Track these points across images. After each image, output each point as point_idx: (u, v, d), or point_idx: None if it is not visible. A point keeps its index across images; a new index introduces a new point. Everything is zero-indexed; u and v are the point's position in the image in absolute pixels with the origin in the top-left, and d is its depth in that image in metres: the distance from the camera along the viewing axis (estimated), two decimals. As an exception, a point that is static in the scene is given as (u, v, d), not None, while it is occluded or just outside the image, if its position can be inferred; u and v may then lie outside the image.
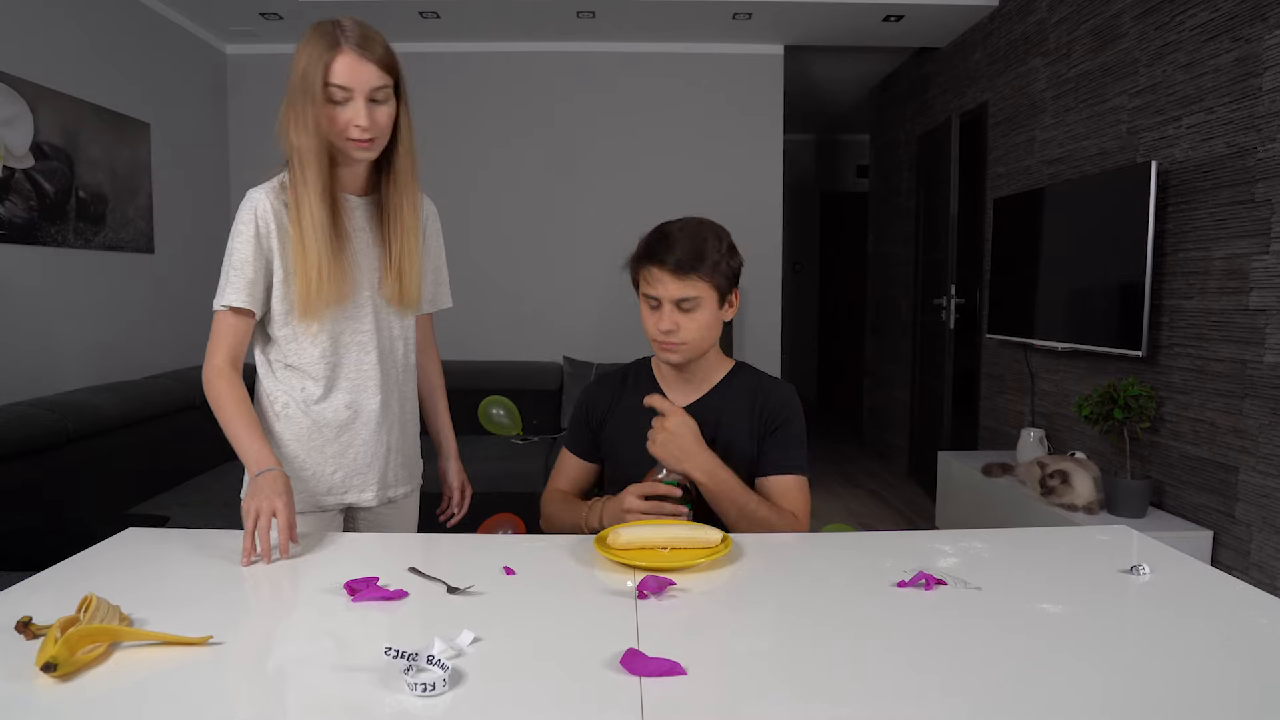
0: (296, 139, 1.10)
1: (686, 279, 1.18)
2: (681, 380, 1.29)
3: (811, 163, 6.41)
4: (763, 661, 0.78)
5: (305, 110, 1.08)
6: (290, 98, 1.10)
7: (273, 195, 1.14)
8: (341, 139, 1.11)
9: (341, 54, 1.07)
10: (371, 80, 1.09)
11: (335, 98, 1.08)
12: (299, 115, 1.09)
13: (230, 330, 1.13)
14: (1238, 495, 2.09)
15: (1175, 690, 0.72)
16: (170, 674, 0.73)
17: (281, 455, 1.21)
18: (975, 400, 3.61)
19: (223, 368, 1.13)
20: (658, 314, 1.20)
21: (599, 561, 1.03)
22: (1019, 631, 0.83)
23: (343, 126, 1.10)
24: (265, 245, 1.14)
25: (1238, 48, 2.06)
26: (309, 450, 1.23)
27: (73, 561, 1.02)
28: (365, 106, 1.10)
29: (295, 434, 1.22)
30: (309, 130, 1.09)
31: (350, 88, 1.08)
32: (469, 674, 0.72)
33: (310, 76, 1.07)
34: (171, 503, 2.41)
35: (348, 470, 1.25)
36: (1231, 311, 2.10)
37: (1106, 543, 1.14)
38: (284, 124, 1.11)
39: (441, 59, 3.79)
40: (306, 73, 1.07)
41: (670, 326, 1.19)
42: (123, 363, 2.96)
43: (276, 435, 1.22)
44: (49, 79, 2.58)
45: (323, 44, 1.07)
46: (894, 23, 3.52)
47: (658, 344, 1.23)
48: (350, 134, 1.10)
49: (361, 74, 1.08)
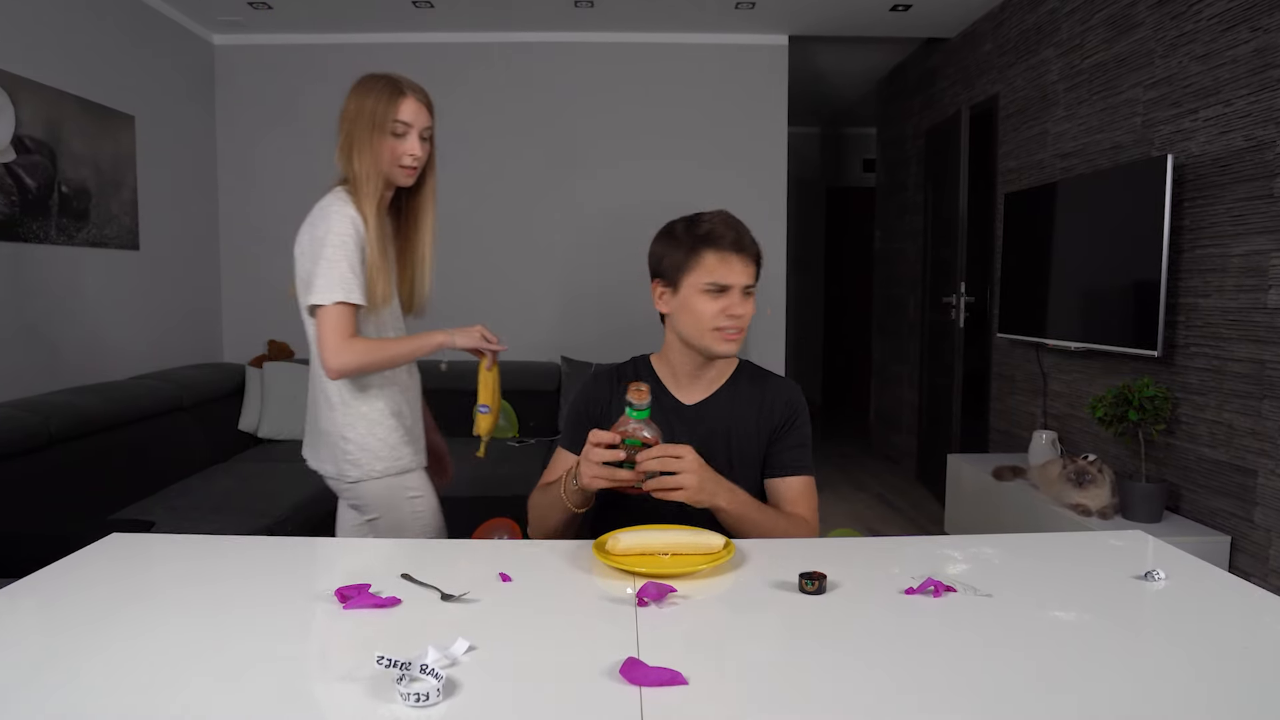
0: (359, 164, 1.36)
1: (754, 263, 1.20)
2: (692, 378, 1.26)
3: (816, 157, 6.37)
4: (766, 671, 0.77)
5: (369, 140, 1.36)
6: (353, 131, 1.37)
7: (352, 206, 1.36)
8: (394, 166, 1.39)
9: (406, 99, 1.38)
10: (425, 121, 1.41)
11: (398, 131, 1.38)
12: (362, 144, 1.36)
13: (349, 320, 1.33)
14: (1256, 499, 2.05)
15: (1192, 701, 0.70)
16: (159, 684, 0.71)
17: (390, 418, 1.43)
18: (985, 401, 3.57)
19: (350, 342, 1.32)
20: (724, 300, 1.18)
21: (598, 568, 1.01)
22: (1031, 640, 0.82)
23: (399, 155, 1.38)
24: (360, 248, 1.35)
25: (1256, 38, 2.01)
26: (402, 414, 1.45)
27: (54, 568, 1.00)
28: (418, 141, 1.40)
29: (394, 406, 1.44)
30: (373, 157, 1.36)
31: (411, 124, 1.38)
32: (463, 683, 0.71)
33: (379, 114, 1.36)
34: (157, 507, 2.38)
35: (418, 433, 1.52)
36: (1250, 310, 2.06)
37: (1121, 548, 1.13)
38: (345, 151, 1.38)
39: (435, 50, 3.75)
40: (375, 110, 1.36)
41: (741, 311, 1.18)
42: (107, 363, 2.91)
43: (383, 406, 1.42)
44: (31, 70, 2.54)
45: (389, 90, 1.38)
46: (902, 12, 3.48)
47: (719, 332, 1.19)
48: (404, 162, 1.39)
49: (420, 115, 1.40)
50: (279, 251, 3.79)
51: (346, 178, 1.39)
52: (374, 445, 1.40)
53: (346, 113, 1.38)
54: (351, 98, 1.39)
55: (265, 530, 2.31)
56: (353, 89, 1.40)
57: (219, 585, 0.96)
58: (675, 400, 1.26)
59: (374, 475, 1.40)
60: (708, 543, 1.02)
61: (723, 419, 1.24)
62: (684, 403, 1.26)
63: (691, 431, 1.22)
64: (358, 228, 1.34)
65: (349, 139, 1.37)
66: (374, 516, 1.44)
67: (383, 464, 1.41)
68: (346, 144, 1.37)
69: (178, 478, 2.70)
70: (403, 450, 1.44)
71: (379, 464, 1.40)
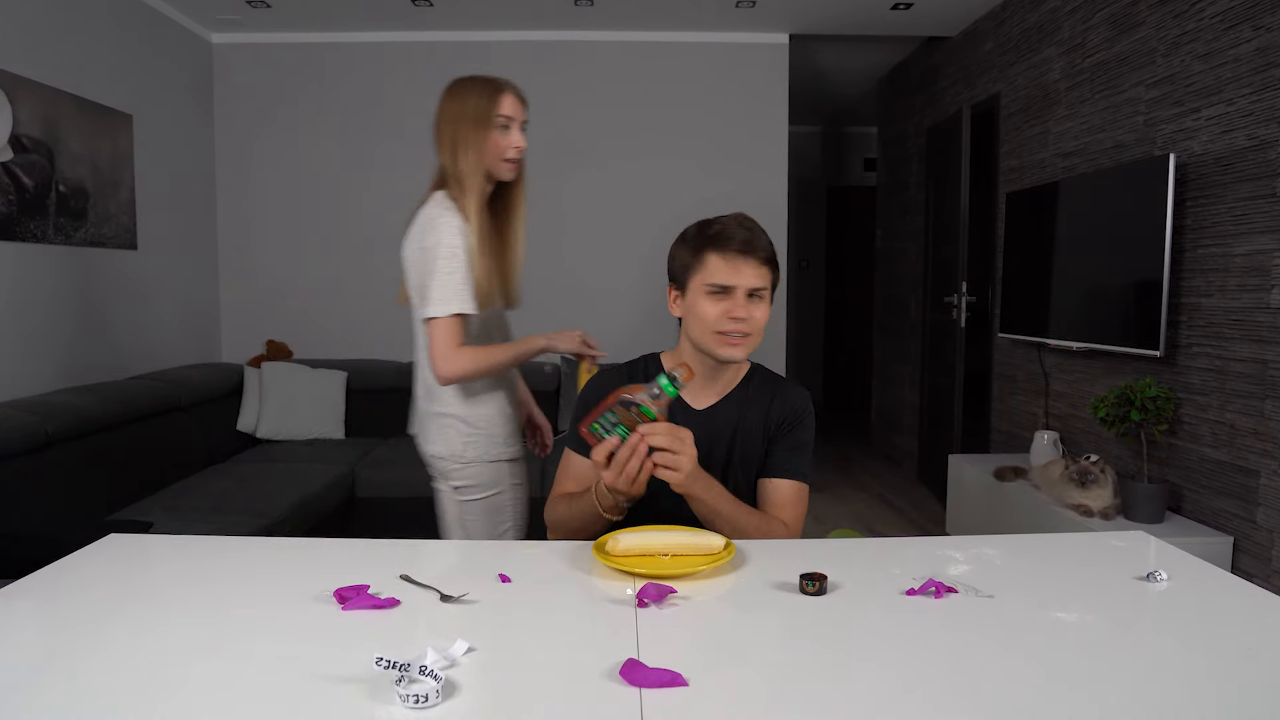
0: (464, 162, 1.42)
1: (765, 266, 1.17)
2: (705, 380, 1.24)
3: (817, 156, 6.36)
4: (767, 672, 0.77)
5: (473, 137, 1.42)
6: (457, 130, 1.43)
7: (456, 213, 1.41)
8: (498, 160, 1.45)
9: (506, 94, 1.45)
10: (523, 114, 1.48)
11: (501, 125, 1.44)
12: (467, 142, 1.42)
13: (459, 329, 1.41)
14: (1259, 500, 2.05)
15: (1194, 702, 0.70)
16: (157, 685, 0.71)
17: (508, 407, 1.54)
18: (987, 402, 3.56)
19: (460, 351, 1.40)
20: (727, 303, 1.15)
21: (597, 568, 1.01)
22: (1032, 641, 0.81)
23: (504, 149, 1.45)
24: (468, 255, 1.41)
25: (1259, 36, 2.01)
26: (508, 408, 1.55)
27: (52, 569, 1.00)
28: (520, 134, 1.47)
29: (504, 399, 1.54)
30: (477, 153, 1.43)
31: (513, 118, 1.45)
32: (462, 685, 0.71)
33: (482, 110, 1.43)
34: (155, 508, 2.38)
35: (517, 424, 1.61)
36: (1253, 310, 2.05)
37: (1123, 549, 1.12)
38: (449, 151, 1.43)
39: (434, 48, 3.74)
40: (478, 107, 1.43)
41: (745, 315, 1.15)
42: (105, 363, 2.90)
43: (502, 395, 1.53)
44: (28, 69, 2.53)
45: (489, 87, 1.45)
46: (903, 10, 3.47)
47: (722, 336, 1.16)
48: (508, 155, 1.45)
49: (519, 109, 1.47)
50: (278, 251, 3.83)
51: (445, 179, 1.45)
52: (490, 431, 1.50)
53: (446, 114, 1.44)
54: (449, 100, 1.45)
55: (263, 531, 2.31)
56: (447, 92, 1.46)
57: (217, 586, 0.96)
58: (683, 403, 1.24)
59: (487, 459, 1.50)
60: (708, 543, 1.02)
61: (730, 421, 1.23)
62: (694, 407, 1.24)
63: (704, 434, 1.20)
64: (465, 236, 1.41)
65: (452, 139, 1.43)
66: (477, 496, 1.52)
67: (497, 449, 1.52)
68: (450, 144, 1.43)
69: (176, 478, 2.69)
70: (513, 440, 1.56)
71: (494, 448, 1.51)
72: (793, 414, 1.24)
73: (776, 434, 1.24)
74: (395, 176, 3.78)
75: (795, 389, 1.27)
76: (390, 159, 3.74)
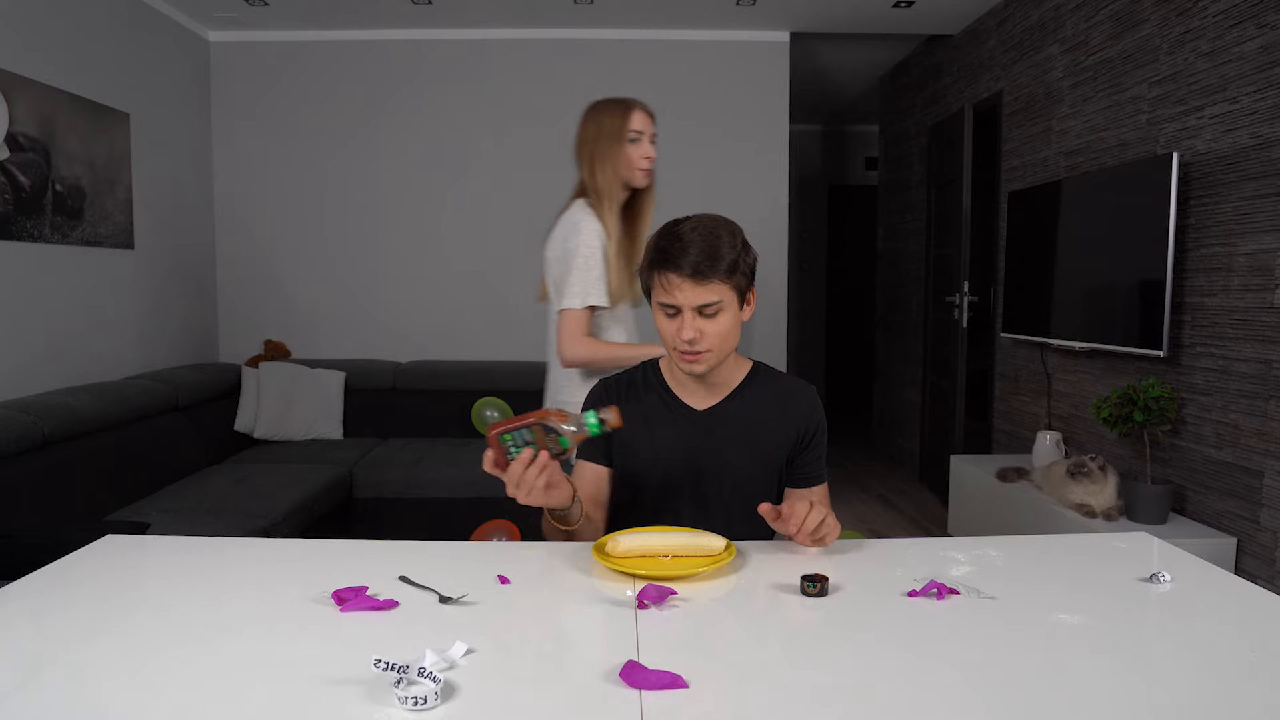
0: (602, 177, 1.59)
1: (706, 283, 1.10)
2: (699, 384, 1.23)
3: (818, 155, 6.35)
4: (767, 674, 0.76)
5: (609, 152, 1.58)
6: (594, 149, 1.60)
7: (595, 219, 1.57)
8: (633, 170, 1.61)
9: (635, 111, 1.62)
10: (652, 128, 1.64)
11: (633, 139, 1.60)
12: (603, 157, 1.59)
13: (586, 321, 1.57)
14: (1262, 500, 2.04)
15: (1197, 704, 0.69)
16: (154, 686, 0.71)
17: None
18: (989, 402, 3.56)
19: (583, 340, 1.56)
20: (677, 322, 1.13)
21: (597, 570, 1.00)
22: (1035, 642, 0.81)
23: (636, 160, 1.61)
24: (604, 255, 1.56)
25: (1263, 34, 2.00)
26: None
27: (49, 571, 1.00)
28: (650, 145, 1.63)
29: None
30: (614, 167, 1.59)
31: (643, 131, 1.61)
32: (461, 687, 0.70)
33: (616, 127, 1.59)
34: (152, 509, 2.37)
35: None
36: (1256, 309, 2.04)
37: (1125, 550, 1.12)
38: (589, 168, 1.60)
39: (433, 46, 3.73)
40: (612, 123, 1.59)
41: (693, 335, 1.11)
42: (101, 363, 2.89)
43: None
44: (24, 67, 2.53)
45: (620, 107, 1.62)
46: (904, 9, 3.46)
47: (679, 354, 1.15)
48: (641, 165, 1.62)
49: (648, 123, 1.63)
50: (276, 250, 3.82)
51: (585, 190, 1.61)
52: None
53: (585, 136, 1.62)
54: (586, 123, 1.63)
55: (261, 532, 2.30)
56: (584, 117, 1.63)
57: (215, 587, 0.96)
58: (685, 406, 1.23)
59: None
60: (708, 545, 1.01)
61: (743, 421, 1.22)
62: (694, 408, 1.23)
63: (707, 436, 1.20)
64: (602, 238, 1.56)
65: (591, 157, 1.60)
66: None
67: None
68: (589, 161, 1.60)
69: (173, 479, 2.69)
70: None
71: None
72: (813, 422, 1.24)
73: (803, 443, 1.24)
74: (393, 174, 3.78)
75: (805, 389, 1.27)
76: (389, 157, 3.74)
